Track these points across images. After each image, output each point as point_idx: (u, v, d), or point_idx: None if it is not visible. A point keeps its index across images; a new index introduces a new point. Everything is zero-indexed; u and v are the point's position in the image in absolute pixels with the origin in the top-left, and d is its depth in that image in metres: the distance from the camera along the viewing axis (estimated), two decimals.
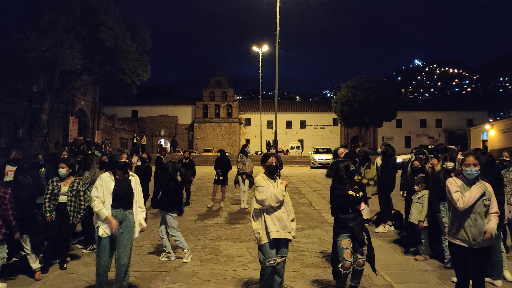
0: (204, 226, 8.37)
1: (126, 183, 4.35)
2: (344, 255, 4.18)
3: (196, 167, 12.04)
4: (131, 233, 4.28)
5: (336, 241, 4.36)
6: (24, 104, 28.16)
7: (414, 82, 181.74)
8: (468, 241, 3.63)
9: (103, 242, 4.16)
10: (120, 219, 4.23)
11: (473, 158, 3.71)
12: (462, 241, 3.66)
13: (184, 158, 11.53)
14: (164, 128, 54.63)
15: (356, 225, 4.27)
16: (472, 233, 3.61)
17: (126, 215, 4.27)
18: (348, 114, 40.60)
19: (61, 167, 5.55)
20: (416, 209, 6.02)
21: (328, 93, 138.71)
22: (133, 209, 4.36)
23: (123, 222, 4.23)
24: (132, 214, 4.33)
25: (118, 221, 4.20)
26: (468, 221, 3.63)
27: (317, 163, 27.28)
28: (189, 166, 11.37)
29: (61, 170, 5.54)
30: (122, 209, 4.26)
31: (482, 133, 38.60)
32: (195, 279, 5.06)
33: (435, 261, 5.72)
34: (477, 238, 3.61)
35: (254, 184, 4.27)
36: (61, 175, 5.53)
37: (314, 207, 10.61)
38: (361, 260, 4.26)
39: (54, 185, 5.50)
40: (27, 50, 22.31)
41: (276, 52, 25.67)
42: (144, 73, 29.29)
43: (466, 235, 3.63)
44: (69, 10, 24.62)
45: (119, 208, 4.24)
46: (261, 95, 48.09)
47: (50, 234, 5.42)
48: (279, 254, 4.16)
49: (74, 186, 5.58)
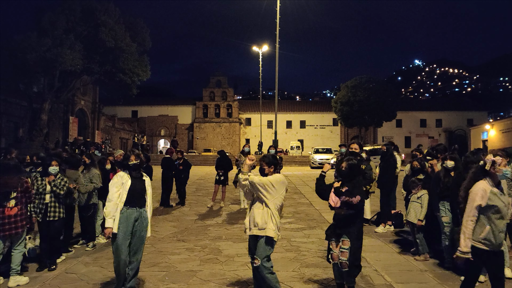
0: (204, 226, 8.37)
1: (141, 183, 4.50)
2: (330, 246, 4.25)
3: (196, 167, 11.94)
4: (145, 231, 4.44)
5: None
6: (24, 104, 28.17)
7: (414, 82, 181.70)
8: (495, 246, 3.47)
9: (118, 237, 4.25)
10: (136, 217, 4.36)
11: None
12: (488, 246, 3.46)
13: (178, 159, 11.09)
14: (164, 128, 54.64)
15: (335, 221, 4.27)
16: (500, 238, 3.48)
17: (141, 212, 4.41)
18: (348, 114, 40.59)
19: (53, 165, 5.62)
20: (415, 208, 6.03)
21: (328, 93, 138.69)
22: (146, 208, 4.51)
23: (139, 219, 4.37)
24: (147, 212, 4.49)
25: (134, 219, 4.33)
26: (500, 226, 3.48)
27: (317, 163, 27.34)
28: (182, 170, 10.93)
29: (53, 168, 5.61)
30: (138, 207, 4.39)
31: (482, 133, 38.59)
32: (195, 279, 5.06)
33: (435, 261, 5.72)
34: (500, 241, 3.51)
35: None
36: (53, 172, 5.60)
37: (314, 207, 10.61)
38: (342, 262, 4.10)
39: (39, 184, 5.53)
40: (28, 50, 22.32)
41: (276, 52, 25.72)
42: (144, 73, 29.30)
43: (494, 240, 3.45)
44: (70, 10, 24.63)
45: (134, 207, 4.36)
46: (261, 95, 48.09)
47: (42, 233, 5.52)
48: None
49: (56, 182, 5.56)
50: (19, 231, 4.88)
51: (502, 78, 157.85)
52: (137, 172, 4.52)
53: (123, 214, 4.28)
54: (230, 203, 11.27)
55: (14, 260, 4.90)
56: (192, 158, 35.00)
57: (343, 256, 4.12)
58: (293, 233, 7.62)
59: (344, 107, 40.72)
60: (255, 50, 35.16)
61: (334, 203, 4.29)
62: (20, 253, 4.97)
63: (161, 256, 6.08)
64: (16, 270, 4.89)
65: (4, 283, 4.90)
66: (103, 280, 4.97)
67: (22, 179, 5.05)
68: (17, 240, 4.93)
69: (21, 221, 4.91)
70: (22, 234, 4.98)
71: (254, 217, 4.02)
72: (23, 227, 4.95)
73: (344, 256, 4.12)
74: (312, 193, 13.44)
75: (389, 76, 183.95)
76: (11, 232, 4.79)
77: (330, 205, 4.35)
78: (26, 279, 4.94)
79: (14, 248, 4.94)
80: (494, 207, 3.42)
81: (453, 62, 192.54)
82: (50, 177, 5.58)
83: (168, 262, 5.79)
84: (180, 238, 7.29)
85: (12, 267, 4.88)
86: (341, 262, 4.13)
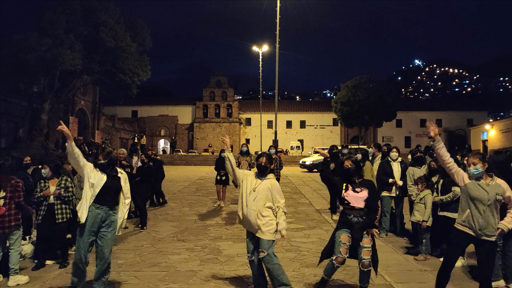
0: (204, 226, 8.37)
1: (117, 181, 4.43)
2: (341, 249, 4.18)
3: (196, 167, 11.94)
4: (113, 232, 4.37)
5: (335, 234, 4.36)
6: (24, 104, 28.16)
7: (414, 82, 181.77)
8: (474, 230, 3.89)
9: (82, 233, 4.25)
10: (104, 218, 4.29)
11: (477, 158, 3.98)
12: (469, 228, 3.93)
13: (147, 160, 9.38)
14: (164, 128, 54.64)
15: (357, 224, 4.23)
16: (479, 223, 3.86)
17: (110, 214, 4.34)
18: (348, 114, 40.59)
19: (43, 168, 5.72)
20: (418, 209, 6.04)
21: (328, 93, 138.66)
22: (118, 207, 4.45)
23: (106, 220, 4.31)
24: (116, 214, 4.42)
25: (101, 220, 4.26)
26: (477, 211, 3.88)
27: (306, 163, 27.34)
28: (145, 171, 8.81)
29: (43, 171, 5.72)
30: (107, 207, 4.31)
31: (482, 133, 38.59)
32: (195, 279, 5.07)
33: (435, 261, 5.72)
34: (483, 229, 3.85)
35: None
36: (43, 176, 5.68)
37: (314, 207, 10.62)
38: (365, 261, 4.12)
39: (42, 185, 5.58)
40: (28, 50, 22.31)
41: (276, 52, 25.67)
42: (144, 73, 29.31)
43: (473, 224, 3.89)
44: (70, 10, 24.62)
45: (104, 205, 4.29)
46: (261, 95, 48.02)
47: (41, 234, 5.54)
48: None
49: (62, 184, 5.59)
50: (6, 231, 4.87)
51: (502, 78, 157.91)
52: (111, 170, 4.42)
53: (91, 212, 4.25)
54: (230, 203, 11.27)
55: (12, 260, 4.92)
56: (192, 158, 35.04)
57: (366, 255, 4.11)
58: (293, 233, 7.62)
59: (344, 107, 40.72)
60: (255, 50, 35.12)
61: (356, 203, 4.24)
62: (16, 252, 5.00)
63: (161, 256, 6.08)
64: (14, 270, 4.91)
65: (4, 282, 4.92)
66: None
67: (11, 179, 5.03)
68: (4, 239, 4.94)
69: (9, 221, 4.88)
70: (10, 234, 4.94)
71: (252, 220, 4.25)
72: (10, 227, 4.90)
73: (367, 254, 4.12)
74: (312, 193, 13.44)
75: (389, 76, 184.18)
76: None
77: (348, 202, 4.28)
78: (26, 278, 4.96)
79: (10, 248, 4.96)
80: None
81: (453, 62, 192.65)
82: (55, 179, 5.61)
83: (168, 262, 5.79)
84: (180, 238, 7.29)
85: (10, 267, 4.90)
86: (363, 261, 4.11)
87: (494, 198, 3.85)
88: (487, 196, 3.86)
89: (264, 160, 4.37)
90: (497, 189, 3.89)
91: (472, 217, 3.90)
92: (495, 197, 3.85)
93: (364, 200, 4.24)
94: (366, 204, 4.23)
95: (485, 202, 3.86)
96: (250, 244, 4.37)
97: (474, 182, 3.95)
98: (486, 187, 3.90)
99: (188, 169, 23.82)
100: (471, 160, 3.98)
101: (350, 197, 4.28)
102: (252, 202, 4.24)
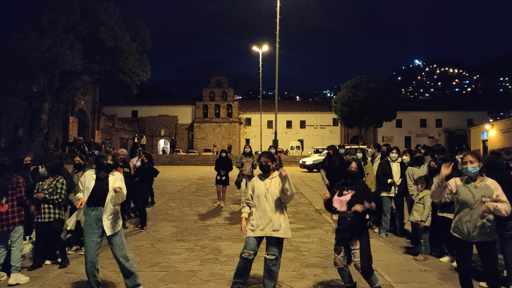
0: (204, 226, 8.36)
1: (105, 183, 4.38)
2: (333, 250, 4.26)
3: (196, 167, 11.91)
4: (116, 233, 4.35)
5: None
6: (24, 104, 28.17)
7: (414, 82, 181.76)
8: (464, 235, 3.89)
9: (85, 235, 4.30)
10: (100, 217, 4.29)
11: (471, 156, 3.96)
12: (459, 234, 3.93)
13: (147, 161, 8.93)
14: (164, 128, 54.65)
15: (343, 226, 4.23)
16: (467, 227, 3.86)
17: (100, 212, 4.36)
18: (348, 114, 40.61)
19: (41, 167, 5.87)
20: (417, 209, 6.03)
21: (328, 93, 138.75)
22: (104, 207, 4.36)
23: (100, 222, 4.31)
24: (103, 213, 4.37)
25: (100, 220, 4.26)
26: (465, 216, 3.88)
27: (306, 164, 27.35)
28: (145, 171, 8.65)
29: (40, 170, 5.89)
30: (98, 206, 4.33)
31: (482, 133, 38.59)
32: (195, 279, 5.06)
33: (435, 261, 5.72)
34: (472, 233, 3.84)
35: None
36: (41, 174, 5.80)
37: (314, 207, 10.61)
38: (357, 263, 4.11)
39: (39, 185, 5.62)
40: (27, 50, 22.33)
41: (276, 52, 25.65)
42: (144, 73, 29.32)
43: (462, 229, 3.90)
44: (69, 10, 24.65)
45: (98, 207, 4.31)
46: (261, 95, 48.03)
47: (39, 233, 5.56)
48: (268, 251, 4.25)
49: (52, 184, 5.57)
50: (5, 229, 4.90)
51: (502, 78, 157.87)
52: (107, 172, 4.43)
53: (88, 216, 4.28)
54: (230, 203, 11.27)
55: (13, 258, 4.95)
56: (192, 158, 35.02)
57: (356, 257, 4.13)
58: (293, 233, 7.59)
59: (344, 107, 40.73)
60: (255, 50, 35.10)
61: (339, 206, 4.24)
62: (18, 250, 5.01)
63: (161, 256, 6.08)
64: (16, 267, 4.93)
65: (6, 280, 4.93)
66: (103, 280, 4.95)
67: (12, 177, 5.07)
68: (6, 238, 4.97)
69: (13, 218, 4.95)
70: (11, 232, 4.97)
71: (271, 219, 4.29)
72: (15, 224, 4.97)
73: (356, 257, 4.12)
74: (312, 193, 13.44)
75: (389, 76, 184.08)
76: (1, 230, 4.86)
77: (335, 208, 4.29)
78: (27, 278, 4.96)
79: (11, 245, 4.99)
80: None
81: (453, 62, 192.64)
82: (50, 179, 5.61)
83: (168, 262, 5.79)
84: (180, 238, 7.29)
85: (12, 265, 4.93)
86: (355, 264, 4.14)
87: (480, 200, 3.80)
88: (473, 199, 3.83)
89: (265, 159, 4.44)
90: (485, 191, 3.83)
91: (461, 222, 3.90)
92: (481, 199, 3.80)
93: (347, 203, 4.19)
94: (349, 206, 4.17)
95: (471, 205, 3.84)
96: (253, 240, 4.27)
97: (463, 186, 3.95)
98: (474, 189, 3.88)
99: (188, 169, 23.78)
100: (468, 158, 3.94)
101: (335, 201, 4.30)
102: (268, 202, 4.38)
